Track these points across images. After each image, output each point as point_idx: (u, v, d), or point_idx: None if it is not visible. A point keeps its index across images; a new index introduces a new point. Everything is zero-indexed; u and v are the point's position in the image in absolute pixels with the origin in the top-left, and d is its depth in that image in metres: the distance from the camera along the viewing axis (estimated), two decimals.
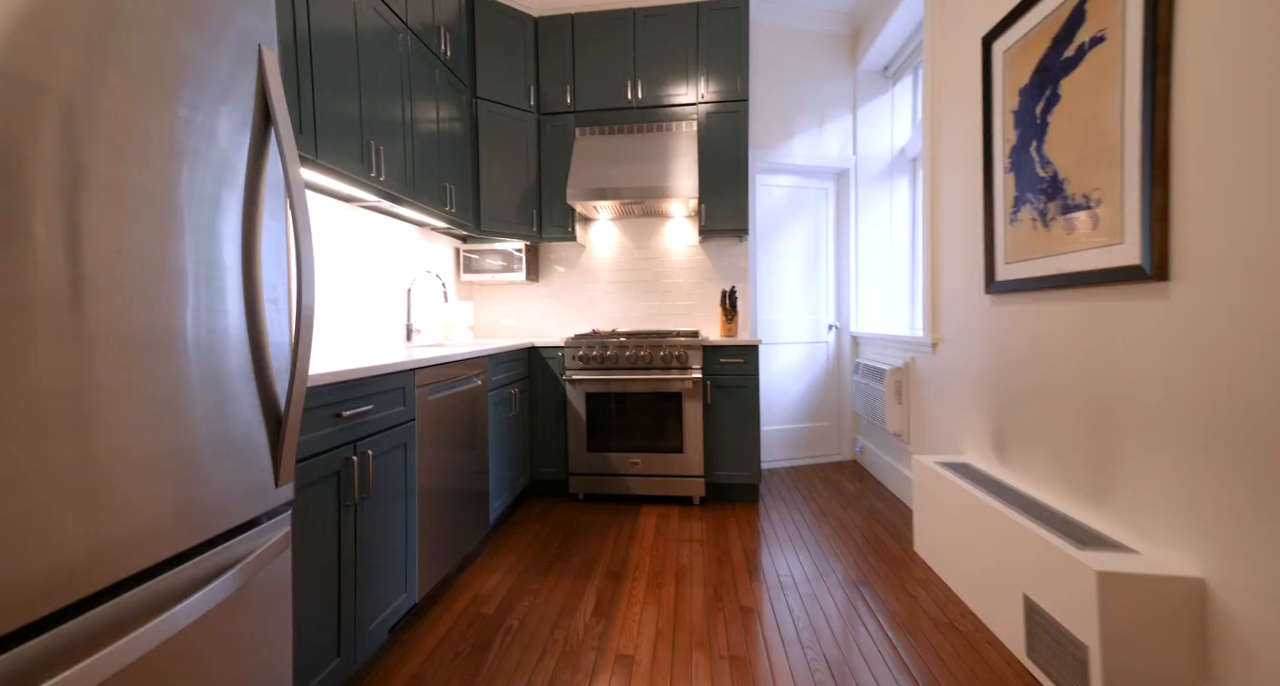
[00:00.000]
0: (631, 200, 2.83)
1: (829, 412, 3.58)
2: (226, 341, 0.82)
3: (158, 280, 0.71)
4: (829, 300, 3.56)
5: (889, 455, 3.03)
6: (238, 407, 0.83)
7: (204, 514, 0.77)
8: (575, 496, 2.92)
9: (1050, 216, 1.68)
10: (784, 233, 3.47)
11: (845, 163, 3.39)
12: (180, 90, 0.74)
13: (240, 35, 0.84)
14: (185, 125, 0.75)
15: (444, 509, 1.86)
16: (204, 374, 0.78)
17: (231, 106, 0.83)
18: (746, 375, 2.76)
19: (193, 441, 0.75)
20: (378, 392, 1.45)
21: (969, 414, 2.16)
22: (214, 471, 0.79)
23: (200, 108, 0.78)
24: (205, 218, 0.79)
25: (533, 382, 2.87)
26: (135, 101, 0.68)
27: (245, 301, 0.86)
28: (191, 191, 0.76)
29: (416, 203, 2.20)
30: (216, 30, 0.80)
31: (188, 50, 0.75)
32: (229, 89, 0.82)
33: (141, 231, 0.68)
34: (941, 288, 2.39)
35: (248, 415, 0.85)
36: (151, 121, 0.70)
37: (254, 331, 0.88)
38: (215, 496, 0.79)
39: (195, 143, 0.77)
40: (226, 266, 0.83)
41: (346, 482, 1.32)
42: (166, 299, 0.72)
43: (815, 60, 3.35)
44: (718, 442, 2.79)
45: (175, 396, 0.73)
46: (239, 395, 0.84)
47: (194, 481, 0.75)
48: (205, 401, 0.78)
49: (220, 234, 0.81)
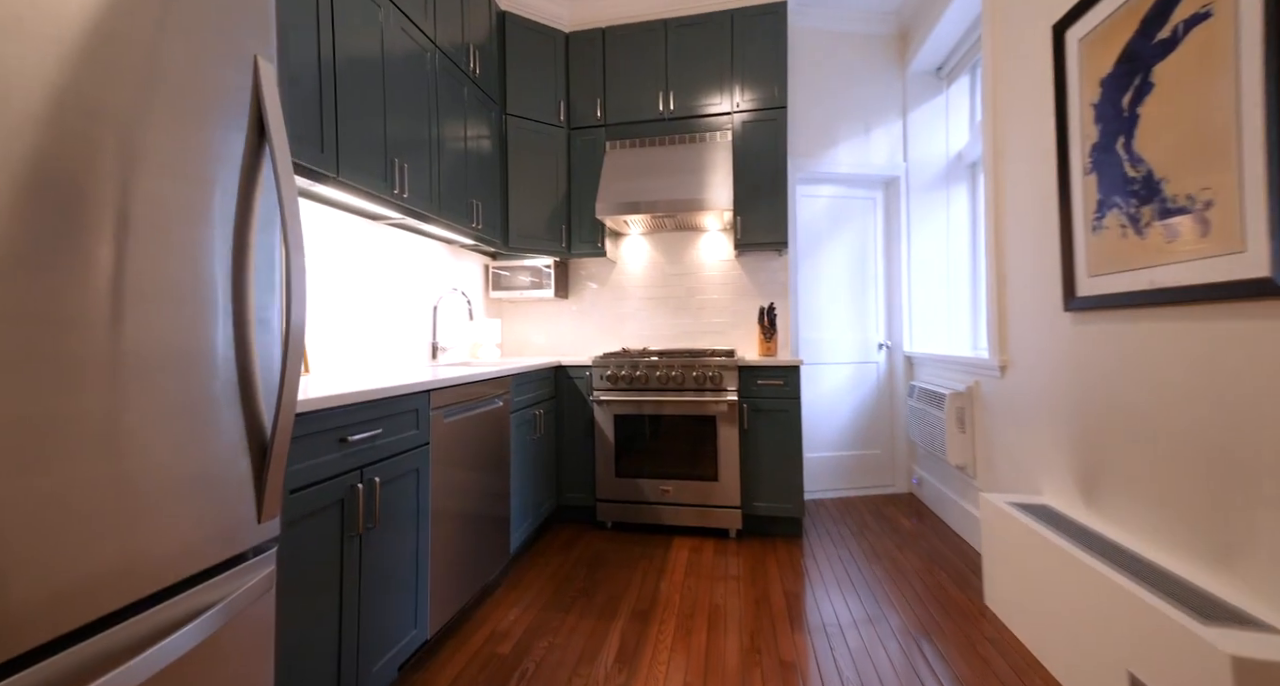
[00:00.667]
0: (663, 213, 2.72)
1: (880, 439, 3.30)
2: (206, 365, 0.74)
3: (128, 301, 0.64)
4: (878, 317, 3.31)
5: (951, 489, 2.74)
6: (215, 437, 0.75)
7: (166, 557, 0.69)
8: (603, 524, 2.78)
9: (1144, 222, 1.45)
10: (827, 245, 3.27)
11: (894, 170, 3.17)
12: (162, 100, 0.68)
13: (234, 46, 0.78)
14: (167, 138, 0.69)
15: (461, 537, 1.77)
16: (176, 401, 0.70)
17: (223, 119, 0.77)
18: (787, 398, 2.56)
19: (152, 476, 0.67)
20: (388, 416, 1.38)
21: (1047, 448, 1.89)
22: (181, 508, 0.70)
23: (186, 120, 0.72)
24: (189, 234, 0.72)
25: (559, 403, 2.77)
26: None
27: (234, 322, 0.79)
28: (174, 207, 0.69)
29: (442, 219, 2.17)
30: (208, 41, 0.74)
31: (175, 60, 0.69)
32: (220, 101, 0.76)
33: (108, 251, 0.62)
34: (1009, 304, 2.14)
35: (227, 445, 0.77)
36: (131, 135, 0.64)
37: (241, 353, 0.80)
38: (179, 537, 0.70)
39: (179, 157, 0.71)
40: (211, 285, 0.76)
41: (351, 511, 1.24)
42: (139, 320, 0.65)
43: (860, 64, 3.18)
44: (755, 471, 2.60)
45: (138, 425, 0.66)
46: (218, 423, 0.76)
47: (153, 520, 0.67)
48: (176, 431, 0.70)
49: (205, 251, 0.75)
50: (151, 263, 0.68)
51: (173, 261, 0.71)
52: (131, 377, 0.65)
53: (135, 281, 0.66)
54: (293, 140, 1.40)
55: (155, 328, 0.68)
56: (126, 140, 0.65)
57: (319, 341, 1.89)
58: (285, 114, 1.37)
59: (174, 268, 0.71)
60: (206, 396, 0.75)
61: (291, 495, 1.06)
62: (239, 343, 0.80)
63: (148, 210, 0.68)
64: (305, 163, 1.43)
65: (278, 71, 1.24)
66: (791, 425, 2.56)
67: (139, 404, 0.66)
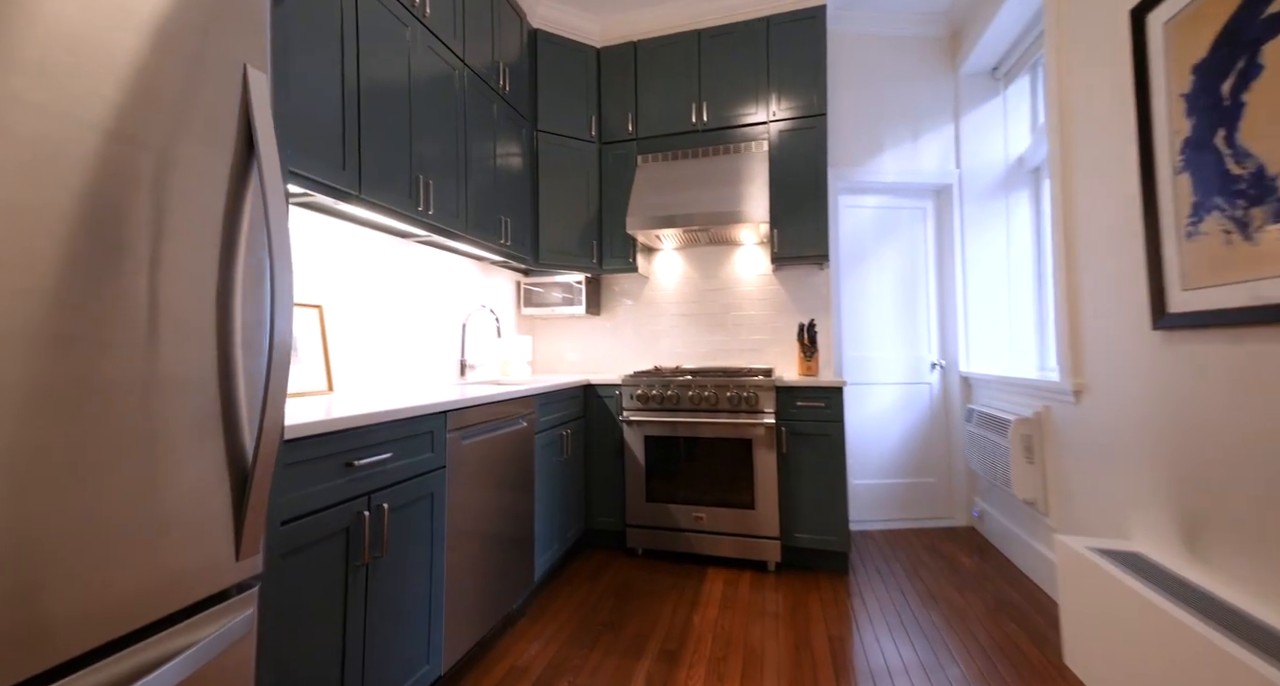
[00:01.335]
0: (697, 227, 2.62)
1: (935, 467, 3.04)
2: (180, 390, 0.70)
3: (92, 324, 0.60)
4: (931, 335, 3.07)
5: (1019, 526, 2.46)
6: (185, 469, 0.70)
7: (127, 600, 0.63)
8: (633, 551, 2.66)
9: (1255, 226, 1.24)
10: (873, 258, 3.08)
11: (946, 177, 2.96)
12: (142, 111, 0.65)
13: (221, 53, 0.75)
14: (140, 150, 0.65)
15: (480, 566, 1.69)
16: (144, 430, 0.65)
17: (205, 131, 0.74)
18: (829, 421, 2.38)
19: (109, 512, 0.62)
20: (399, 438, 1.33)
21: (1137, 486, 1.65)
22: (139, 549, 0.65)
23: (165, 131, 0.69)
24: (166, 251, 0.68)
25: (588, 423, 2.68)
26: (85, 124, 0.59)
27: (217, 343, 0.75)
28: (145, 222, 0.66)
29: (469, 236, 2.15)
30: (188, 46, 0.71)
31: (154, 67, 0.66)
32: (203, 112, 0.73)
33: (78, 269, 0.58)
34: (1084, 321, 1.91)
35: (199, 477, 0.72)
36: (107, 144, 0.61)
37: (224, 377, 0.76)
38: (140, 580, 0.65)
39: (155, 170, 0.67)
40: (191, 305, 0.71)
41: (357, 540, 1.19)
42: (102, 343, 0.61)
43: (906, 67, 3.01)
44: (795, 499, 2.42)
45: (98, 456, 0.61)
46: (192, 453, 0.71)
47: (112, 561, 0.62)
48: (139, 462, 0.65)
49: (183, 269, 0.71)
50: (119, 283, 0.64)
51: (145, 280, 0.67)
52: (96, 404, 0.61)
53: (100, 304, 0.62)
54: (313, 157, 1.40)
55: (120, 351, 0.63)
56: (101, 148, 0.61)
57: (345, 360, 1.88)
58: (305, 132, 1.37)
59: (154, 288, 0.67)
60: (180, 424, 0.70)
61: (289, 524, 1.01)
62: (222, 364, 0.76)
63: (111, 225, 0.64)
64: (326, 180, 1.43)
65: (288, 87, 1.25)
66: (834, 451, 2.38)
67: (100, 433, 0.62)
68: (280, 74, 1.28)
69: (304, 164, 1.36)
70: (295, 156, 1.33)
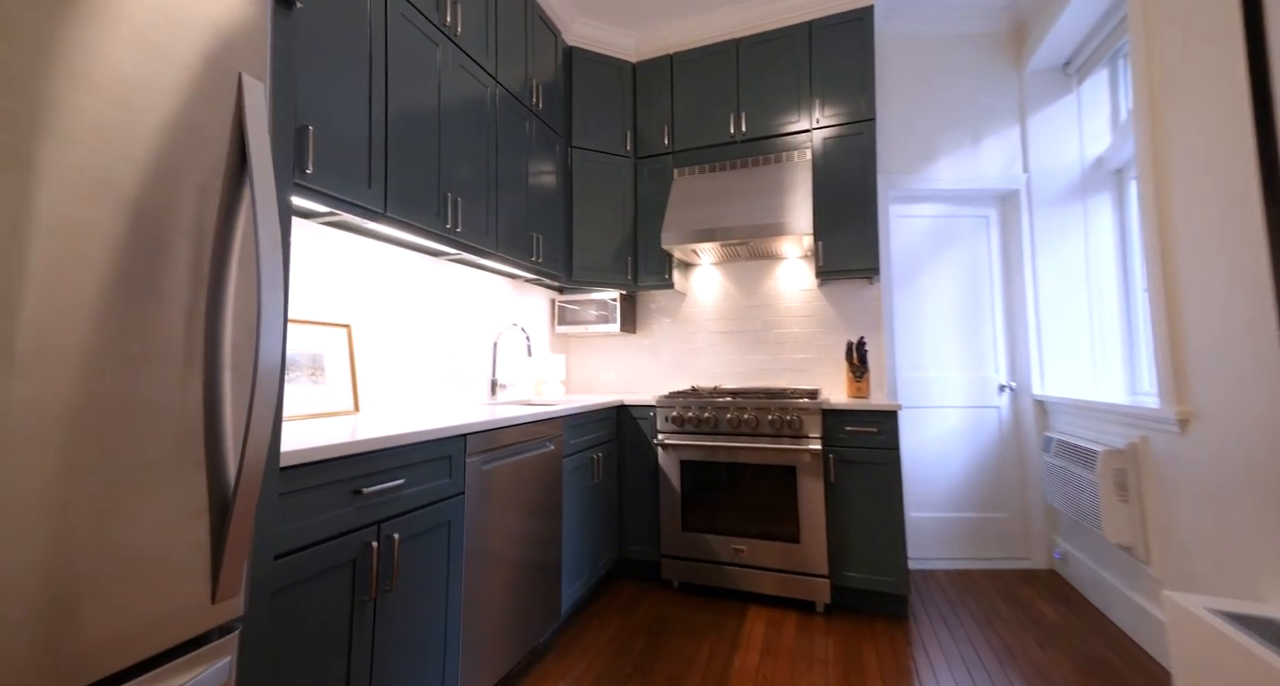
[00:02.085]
0: (736, 241, 2.50)
1: (1007, 501, 2.73)
2: (156, 417, 0.65)
3: (55, 344, 0.56)
4: (998, 354, 2.80)
5: (1113, 573, 2.14)
6: (158, 501, 0.65)
7: (82, 650, 0.57)
8: (669, 584, 2.50)
9: None
10: (929, 271, 2.85)
11: (1012, 183, 2.72)
12: (121, 116, 0.62)
13: (213, 61, 0.72)
14: (117, 159, 0.62)
15: (503, 598, 1.60)
16: (113, 459, 0.60)
17: (194, 141, 0.70)
18: (882, 448, 2.17)
19: (65, 551, 0.57)
20: (412, 464, 1.26)
21: (1270, 535, 1.37)
22: (104, 588, 0.59)
23: (151, 142, 0.65)
24: (143, 265, 0.64)
25: (621, 446, 2.57)
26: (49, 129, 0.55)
27: (205, 369, 0.70)
28: (117, 237, 0.62)
29: (500, 254, 2.12)
30: (176, 52, 0.68)
31: (133, 72, 0.63)
32: (195, 121, 0.70)
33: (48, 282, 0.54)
34: (1188, 339, 1.65)
35: (174, 510, 0.66)
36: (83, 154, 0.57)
37: (210, 403, 0.71)
38: (100, 626, 0.59)
39: (139, 182, 0.64)
40: (175, 326, 0.67)
41: (364, 573, 1.12)
42: (64, 366, 0.56)
43: (964, 67, 2.81)
44: (846, 533, 2.21)
45: (58, 487, 0.56)
46: (165, 485, 0.65)
47: (67, 604, 0.56)
48: (106, 493, 0.60)
49: (165, 288, 0.66)
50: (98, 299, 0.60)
51: (123, 297, 0.62)
52: (58, 430, 0.56)
53: (73, 322, 0.58)
54: (338, 175, 1.39)
55: (86, 374, 0.59)
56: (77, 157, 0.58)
57: (374, 379, 1.87)
58: (330, 150, 1.37)
59: (125, 307, 0.63)
60: (153, 453, 0.65)
61: (286, 558, 0.95)
62: (209, 389, 0.70)
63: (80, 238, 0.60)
64: (351, 199, 1.42)
65: (313, 105, 1.24)
66: (889, 481, 2.16)
67: (61, 461, 0.56)
68: (306, 92, 1.29)
69: (329, 182, 1.36)
70: (320, 175, 1.33)
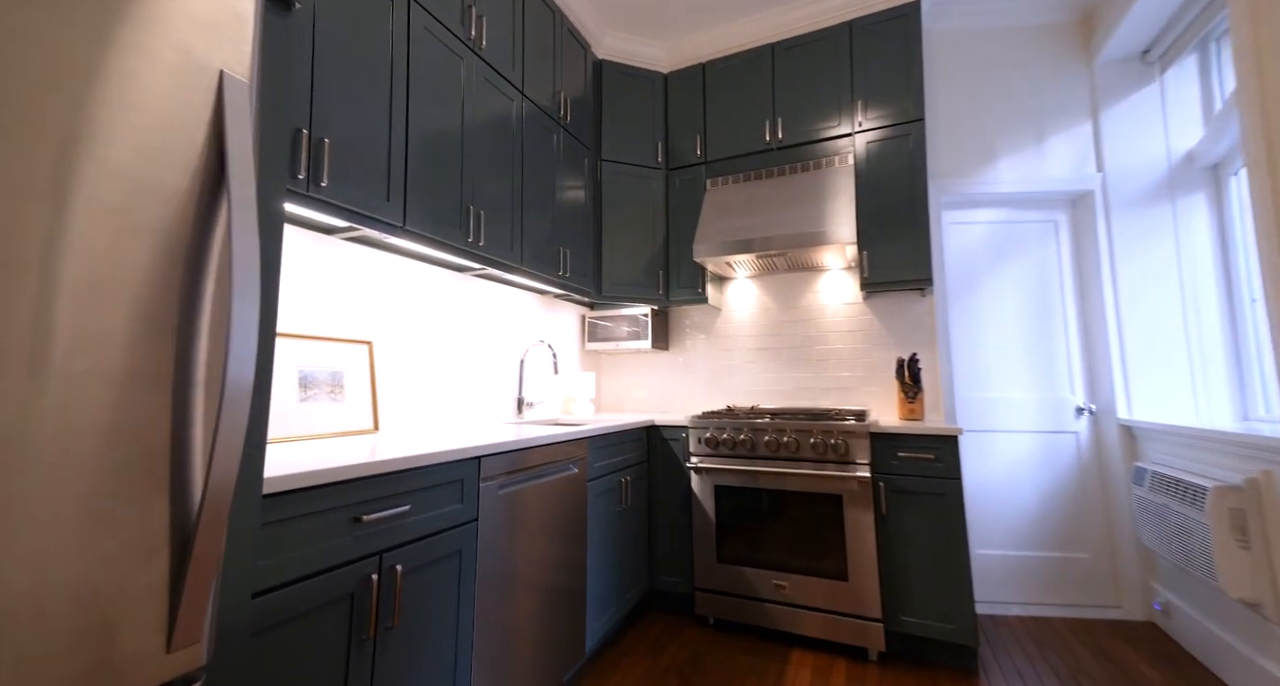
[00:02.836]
0: (774, 252, 2.36)
1: (1090, 539, 2.40)
2: (99, 442, 0.59)
3: None
4: (1074, 373, 2.50)
5: (1231, 631, 1.82)
6: (102, 536, 0.58)
7: None
8: (704, 619, 2.32)
9: None
10: (989, 282, 2.61)
11: (1085, 183, 2.46)
12: (73, 110, 0.58)
13: (188, 57, 0.67)
14: (74, 158, 0.57)
15: (520, 634, 1.49)
16: (42, 490, 0.54)
17: (166, 139, 0.65)
18: (941, 477, 1.95)
19: None
20: (420, 488, 1.19)
21: None
22: (43, 632, 0.53)
23: (124, 145, 0.61)
24: (110, 275, 0.59)
25: (651, 468, 2.44)
26: None
27: (172, 388, 0.64)
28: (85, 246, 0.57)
29: (524, 268, 2.07)
30: (153, 50, 0.64)
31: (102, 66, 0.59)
32: (164, 118, 0.65)
33: None
34: None
35: (121, 547, 0.60)
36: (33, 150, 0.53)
37: (176, 428, 0.65)
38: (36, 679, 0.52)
39: (113, 188, 0.59)
40: (141, 342, 0.62)
41: (362, 608, 1.04)
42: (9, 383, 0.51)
43: (1024, 62, 2.60)
44: (901, 572, 1.98)
45: None
46: (113, 518, 0.59)
47: None
48: (32, 528, 0.54)
49: (132, 302, 0.61)
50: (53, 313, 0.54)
51: (67, 307, 0.57)
52: None
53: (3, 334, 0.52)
54: (356, 188, 1.36)
55: (17, 393, 0.53)
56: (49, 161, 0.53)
57: (397, 397, 1.83)
58: (348, 163, 1.34)
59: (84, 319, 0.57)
60: (97, 484, 0.58)
61: (269, 595, 0.88)
62: (177, 410, 0.64)
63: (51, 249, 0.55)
64: (367, 212, 1.39)
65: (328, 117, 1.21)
66: (950, 514, 1.93)
67: None
68: (322, 103, 1.27)
69: (344, 195, 1.33)
70: (336, 187, 1.31)
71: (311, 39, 1.26)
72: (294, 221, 1.46)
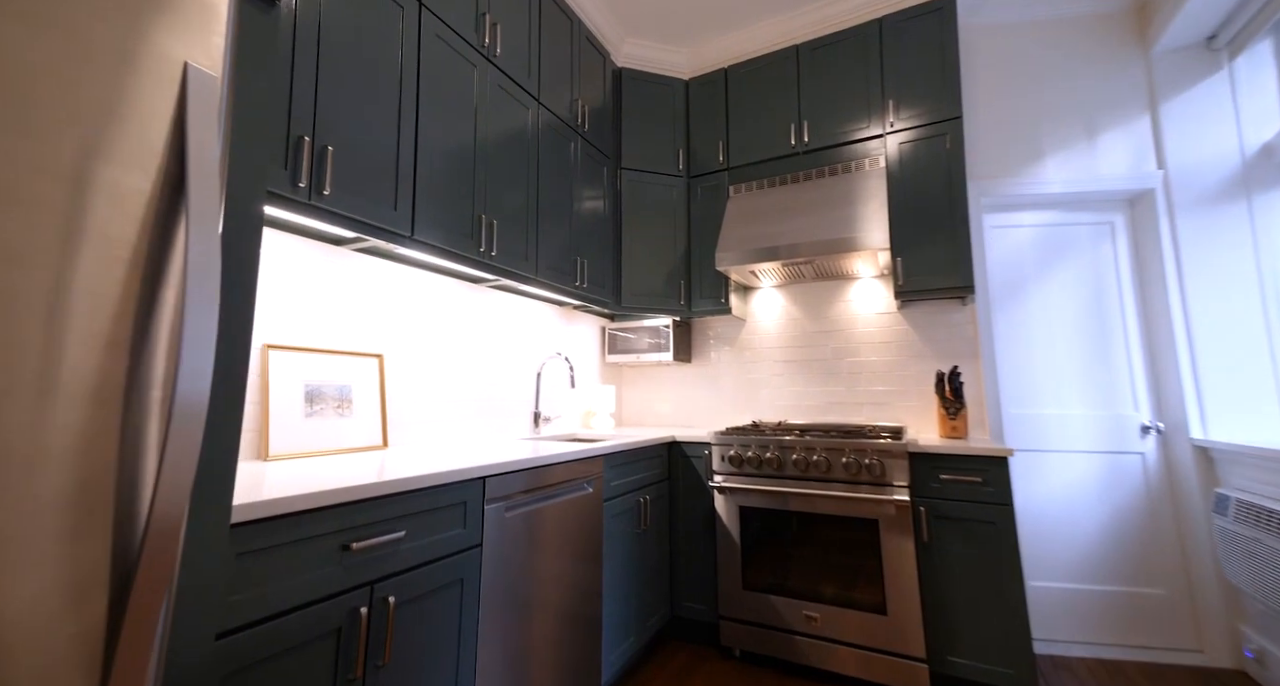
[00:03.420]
0: (801, 259, 2.24)
1: (1162, 572, 2.16)
2: (20, 471, 0.53)
3: None
4: (1138, 388, 2.28)
5: None
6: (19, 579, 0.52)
7: None
8: (729, 651, 2.17)
9: None
10: (1037, 290, 2.42)
11: (1144, 181, 2.26)
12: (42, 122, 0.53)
13: (144, 44, 0.62)
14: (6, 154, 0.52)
15: (529, 668, 1.39)
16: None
17: (126, 143, 0.60)
18: (990, 503, 1.77)
19: None
20: (416, 513, 1.11)
21: None
22: None
23: (73, 146, 0.56)
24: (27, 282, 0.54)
25: (673, 486, 2.32)
26: None
27: (123, 409, 0.59)
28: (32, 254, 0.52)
29: (539, 279, 2.01)
30: (87, 29, 0.59)
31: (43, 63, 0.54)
32: (120, 123, 0.60)
33: None
34: None
35: (46, 591, 0.53)
36: None
37: (125, 453, 0.58)
38: None
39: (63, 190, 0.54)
40: (86, 359, 0.56)
41: (350, 644, 0.96)
42: None
43: (1070, 54, 2.43)
44: (947, 606, 1.80)
45: None
46: (34, 557, 0.53)
47: None
48: None
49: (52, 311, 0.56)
50: None
51: (13, 321, 0.52)
52: None
53: None
54: (361, 197, 1.33)
55: None
56: None
57: (409, 412, 1.78)
58: (353, 171, 1.31)
59: None
60: (31, 512, 0.52)
61: (250, 630, 0.81)
62: (125, 432, 0.58)
63: None
64: (373, 221, 1.35)
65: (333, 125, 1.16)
66: (1001, 543, 1.75)
67: None
68: (327, 111, 1.24)
69: (349, 204, 1.29)
70: (339, 195, 1.27)
71: (316, 45, 1.23)
72: (299, 232, 1.43)
